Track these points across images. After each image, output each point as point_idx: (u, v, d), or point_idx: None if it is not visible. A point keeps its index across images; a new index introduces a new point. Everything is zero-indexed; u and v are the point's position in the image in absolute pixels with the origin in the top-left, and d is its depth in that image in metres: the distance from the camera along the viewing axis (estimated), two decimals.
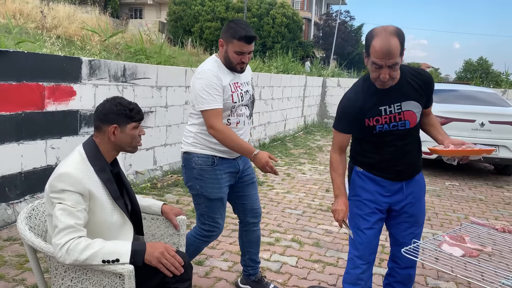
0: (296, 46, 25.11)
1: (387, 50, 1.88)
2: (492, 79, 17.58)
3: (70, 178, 1.72)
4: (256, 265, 2.87)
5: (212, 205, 2.53)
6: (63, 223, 1.66)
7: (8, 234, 3.48)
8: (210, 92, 2.34)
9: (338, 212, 2.16)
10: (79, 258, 1.63)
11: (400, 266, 2.37)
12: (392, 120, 2.11)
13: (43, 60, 3.83)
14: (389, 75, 1.95)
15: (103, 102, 1.89)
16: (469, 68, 43.87)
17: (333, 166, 2.26)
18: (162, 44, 7.60)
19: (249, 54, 2.43)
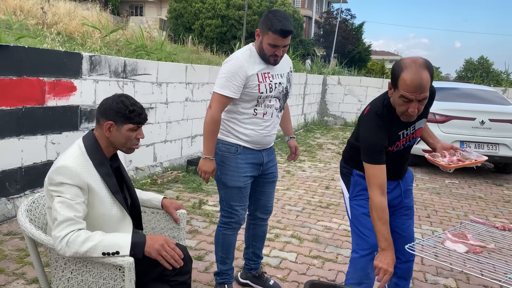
0: (296, 44, 25.08)
1: (418, 84, 1.81)
2: (493, 78, 17.57)
3: (69, 171, 1.72)
4: (258, 260, 2.88)
5: (229, 192, 2.53)
6: (62, 215, 1.66)
7: (8, 229, 3.48)
8: (228, 78, 2.35)
9: (384, 272, 1.85)
10: (79, 251, 1.64)
11: (401, 260, 2.37)
12: (407, 141, 2.15)
13: (43, 55, 3.83)
14: (418, 109, 1.89)
15: (109, 97, 1.87)
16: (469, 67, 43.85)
17: (378, 213, 1.96)
18: (163, 41, 7.59)
19: (284, 48, 2.38)
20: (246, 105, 2.44)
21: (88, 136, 1.88)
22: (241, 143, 2.49)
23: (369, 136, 2.04)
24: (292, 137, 2.95)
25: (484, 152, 6.49)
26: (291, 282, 2.98)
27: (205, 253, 3.34)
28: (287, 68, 2.60)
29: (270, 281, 2.87)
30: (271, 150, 2.71)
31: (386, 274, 1.83)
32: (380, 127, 2.03)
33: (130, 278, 1.67)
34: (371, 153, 2.03)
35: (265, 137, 2.53)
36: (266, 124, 2.49)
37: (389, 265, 1.85)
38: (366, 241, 2.22)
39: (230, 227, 2.62)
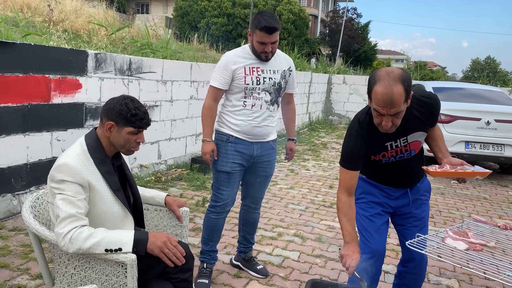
0: (302, 43, 25.04)
1: (389, 99, 1.74)
2: (500, 78, 17.47)
3: (69, 169, 1.74)
4: (248, 244, 3.06)
5: (218, 176, 2.76)
6: (64, 212, 1.68)
7: (13, 224, 3.51)
8: (217, 71, 2.66)
9: (351, 257, 1.88)
10: (82, 247, 1.65)
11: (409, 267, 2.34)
12: (399, 153, 2.09)
13: (49, 53, 3.85)
14: (392, 122, 1.84)
15: (115, 97, 1.88)
16: (476, 67, 43.58)
17: (343, 210, 2.03)
18: (169, 39, 7.61)
19: (272, 44, 2.57)
20: (236, 96, 2.67)
21: (90, 134, 1.89)
22: (233, 133, 2.71)
23: (347, 142, 2.06)
24: (291, 139, 3.07)
25: (490, 152, 6.46)
26: (294, 281, 2.99)
27: None
28: (285, 66, 2.77)
29: (259, 266, 3.05)
30: (268, 146, 2.81)
31: (353, 259, 1.86)
32: (358, 135, 2.02)
33: (133, 275, 1.68)
34: (345, 159, 2.06)
35: (255, 128, 2.69)
36: (255, 115, 2.67)
37: (354, 252, 1.89)
38: (368, 246, 2.19)
39: (215, 210, 2.80)
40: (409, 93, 1.81)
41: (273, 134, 2.85)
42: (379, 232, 2.21)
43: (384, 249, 2.25)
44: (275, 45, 2.60)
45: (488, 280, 3.20)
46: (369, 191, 2.26)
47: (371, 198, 2.25)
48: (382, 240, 2.24)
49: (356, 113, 2.10)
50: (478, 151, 6.48)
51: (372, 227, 2.21)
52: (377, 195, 2.25)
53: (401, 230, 2.32)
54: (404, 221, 2.30)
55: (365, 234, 2.23)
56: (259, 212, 3.05)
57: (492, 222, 2.09)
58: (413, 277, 2.34)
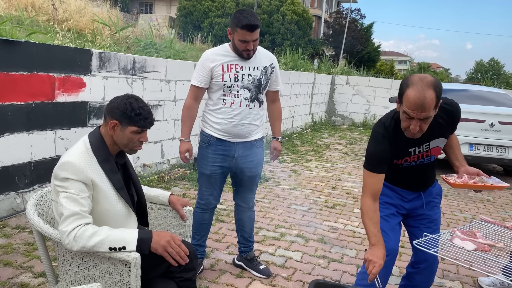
0: (305, 44, 25.03)
1: (421, 102, 1.79)
2: (503, 80, 17.41)
3: (73, 167, 1.74)
4: (248, 243, 3.06)
5: (201, 178, 2.85)
6: (68, 210, 1.68)
7: (17, 223, 3.52)
8: (197, 70, 2.71)
9: (374, 264, 1.86)
10: (86, 245, 1.65)
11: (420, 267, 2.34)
12: (420, 158, 2.14)
13: (54, 51, 3.86)
14: (420, 127, 1.88)
15: (119, 96, 1.89)
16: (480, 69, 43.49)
17: (368, 214, 2.01)
18: (173, 38, 7.62)
19: (254, 42, 2.59)
20: (216, 94, 2.71)
21: (94, 133, 1.89)
22: (214, 133, 2.75)
23: (373, 145, 2.08)
24: (275, 138, 3.03)
25: (493, 155, 6.44)
26: (296, 281, 2.98)
27: (211, 250, 3.35)
28: (266, 63, 2.78)
29: (261, 266, 3.04)
30: (251, 146, 2.81)
31: (376, 266, 1.83)
32: (384, 138, 2.04)
33: (136, 274, 1.68)
34: (371, 161, 2.07)
35: (236, 126, 2.71)
36: (234, 113, 2.69)
37: (379, 258, 1.86)
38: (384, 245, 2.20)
39: (199, 206, 2.91)
40: (439, 100, 1.86)
41: (258, 133, 2.83)
42: (394, 231, 2.23)
43: (397, 248, 2.27)
44: (256, 43, 2.62)
45: (500, 277, 3.19)
46: (384, 193, 2.27)
47: (385, 199, 2.28)
48: (397, 240, 2.26)
49: (380, 118, 2.14)
50: (481, 153, 6.46)
51: (388, 227, 2.23)
52: (391, 197, 2.28)
53: (414, 232, 2.33)
54: (417, 223, 2.31)
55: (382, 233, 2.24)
56: (254, 210, 3.06)
57: (500, 223, 2.08)
58: (423, 278, 2.34)
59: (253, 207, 3.05)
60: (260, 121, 2.85)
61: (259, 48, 2.73)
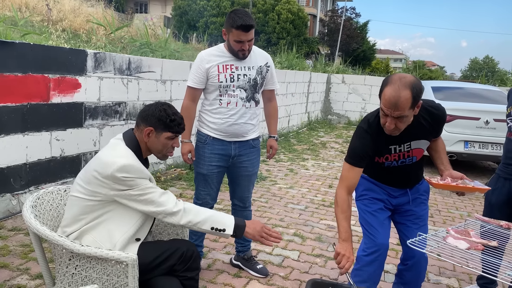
0: (301, 42, 25.04)
1: (395, 101, 1.83)
2: (498, 77, 17.49)
3: (135, 169, 1.80)
4: (245, 243, 3.06)
5: (197, 177, 2.86)
6: (156, 193, 1.80)
7: (12, 224, 3.51)
8: (192, 71, 2.71)
9: (347, 259, 1.89)
10: (193, 220, 1.78)
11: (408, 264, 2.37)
12: (401, 157, 2.18)
13: (48, 52, 3.84)
14: (396, 125, 1.92)
15: (151, 103, 1.95)
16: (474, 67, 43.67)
17: (342, 207, 2.05)
18: (168, 38, 7.60)
19: (249, 42, 2.60)
20: (212, 95, 2.71)
21: (130, 137, 1.92)
22: (211, 133, 2.76)
23: (355, 139, 2.14)
24: (272, 137, 3.05)
25: (489, 152, 6.47)
26: (294, 281, 2.99)
27: (208, 250, 3.35)
28: (261, 62, 2.78)
29: (258, 265, 3.04)
30: (248, 145, 2.83)
31: (349, 261, 1.87)
32: (367, 133, 2.10)
33: (134, 275, 1.68)
34: (351, 154, 2.13)
35: (232, 126, 2.72)
36: (231, 113, 2.70)
37: (351, 253, 1.91)
38: (373, 241, 2.24)
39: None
40: (417, 101, 1.88)
41: (254, 132, 2.85)
42: (383, 226, 2.26)
43: (388, 243, 2.29)
44: (251, 43, 2.63)
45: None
46: (371, 188, 2.34)
47: (372, 194, 2.33)
48: (386, 234, 2.28)
49: (366, 115, 2.20)
50: (477, 151, 6.49)
51: (376, 222, 2.27)
52: (378, 192, 2.33)
53: (401, 228, 2.38)
54: (404, 219, 2.36)
55: (369, 229, 2.27)
56: (250, 210, 3.07)
57: (495, 221, 2.10)
58: (412, 275, 2.37)
59: (249, 206, 3.05)
60: (257, 120, 2.86)
61: (254, 48, 2.75)
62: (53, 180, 4.03)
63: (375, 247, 2.22)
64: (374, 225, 2.25)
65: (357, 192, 2.35)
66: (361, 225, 2.35)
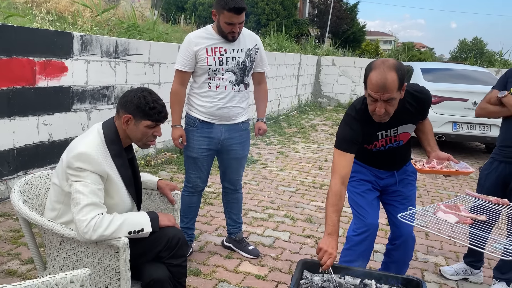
0: (290, 24, 24.81)
1: (382, 83, 1.84)
2: (486, 59, 17.58)
3: (91, 159, 1.73)
4: (236, 225, 3.09)
5: (187, 161, 2.86)
6: (86, 199, 1.68)
7: (1, 210, 3.48)
8: (180, 54, 2.66)
9: (328, 255, 1.81)
10: (105, 233, 1.66)
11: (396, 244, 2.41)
12: (388, 142, 2.20)
13: (33, 35, 3.76)
14: (385, 109, 1.91)
15: (132, 89, 1.88)
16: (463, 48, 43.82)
17: (332, 200, 1.98)
18: (156, 20, 7.47)
19: (239, 25, 2.57)
20: (201, 78, 2.68)
21: (108, 125, 1.87)
22: (200, 116, 2.74)
23: (344, 126, 2.13)
24: (259, 119, 3.02)
25: (476, 133, 6.55)
26: (285, 261, 3.03)
27: (200, 232, 3.37)
28: (250, 44, 2.74)
29: (250, 247, 3.07)
30: (237, 128, 2.82)
31: (330, 257, 1.80)
32: (355, 120, 2.10)
33: (125, 258, 1.68)
34: (342, 141, 2.11)
35: (221, 109, 2.71)
36: (220, 96, 2.68)
37: (333, 249, 1.84)
38: (363, 221, 2.27)
39: (186, 189, 2.91)
40: (402, 82, 1.88)
41: (243, 115, 2.84)
42: (372, 206, 2.30)
43: (377, 223, 2.33)
44: (242, 25, 2.60)
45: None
46: (359, 170, 2.36)
47: (360, 176, 2.36)
48: (376, 214, 2.33)
49: (353, 102, 2.19)
50: (465, 132, 6.57)
51: (365, 202, 2.30)
52: (366, 174, 2.36)
53: (389, 209, 2.43)
54: (391, 200, 2.40)
55: (358, 209, 2.31)
56: (241, 192, 3.08)
57: (485, 197, 2.14)
58: (400, 254, 2.42)
59: (240, 189, 3.06)
60: (246, 103, 2.84)
61: (242, 30, 2.70)
62: (42, 165, 4.00)
63: (364, 227, 2.26)
64: (363, 206, 2.28)
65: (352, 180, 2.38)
66: (351, 206, 2.38)
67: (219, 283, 2.67)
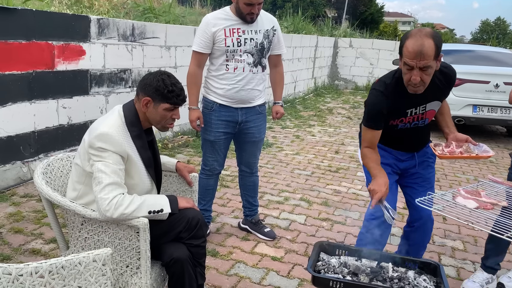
0: (307, 5, 24.42)
1: (419, 50, 1.81)
2: (509, 40, 17.06)
3: (112, 139, 1.76)
4: (252, 207, 3.12)
5: (205, 144, 2.88)
6: (108, 178, 1.72)
7: (24, 191, 3.58)
8: (198, 35, 2.67)
9: (376, 191, 1.88)
10: (125, 212, 1.70)
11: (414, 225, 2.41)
12: (415, 120, 2.16)
13: (51, 19, 3.79)
14: (421, 78, 1.87)
15: (151, 72, 1.90)
16: (485, 29, 42.55)
17: (367, 156, 2.10)
18: (171, 3, 7.45)
19: (258, 5, 2.57)
20: (218, 60, 2.68)
21: (128, 106, 1.90)
22: (217, 99, 2.75)
23: (371, 101, 2.09)
24: (276, 103, 3.02)
25: (497, 116, 6.40)
26: (301, 243, 3.05)
27: (217, 214, 3.41)
28: (268, 26, 2.74)
29: (266, 229, 3.10)
30: (254, 111, 2.83)
31: (378, 192, 1.87)
32: (383, 95, 2.06)
33: (145, 238, 1.72)
34: (369, 118, 2.10)
35: (239, 92, 2.71)
36: (238, 79, 2.68)
37: (381, 186, 1.90)
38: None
39: (204, 172, 2.95)
40: (439, 51, 1.86)
41: (260, 98, 2.84)
42: (391, 191, 2.27)
43: (395, 207, 2.30)
44: (260, 6, 2.60)
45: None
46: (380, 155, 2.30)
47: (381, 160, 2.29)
48: (394, 199, 2.31)
49: (380, 77, 2.15)
50: (485, 115, 6.43)
51: None
52: (386, 157, 2.32)
53: (408, 191, 2.40)
54: (411, 182, 2.37)
55: None
56: (257, 175, 3.11)
57: (508, 183, 2.09)
58: (418, 237, 2.41)
59: (256, 172, 3.08)
60: (263, 86, 2.84)
61: (260, 11, 2.69)
62: (62, 147, 4.07)
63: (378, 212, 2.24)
64: None
65: None
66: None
67: (236, 264, 2.72)
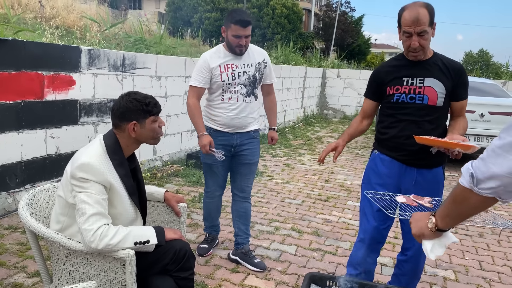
0: (296, 37, 24.97)
1: (415, 17, 2.03)
2: (493, 70, 17.53)
3: (93, 169, 1.74)
4: (243, 235, 3.12)
5: (204, 168, 3.10)
6: (91, 209, 1.69)
7: (8, 223, 3.49)
8: (196, 72, 2.90)
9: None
10: (111, 242, 1.67)
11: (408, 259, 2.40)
12: (411, 92, 2.19)
13: (42, 49, 3.81)
14: (419, 43, 2.07)
15: (118, 100, 1.89)
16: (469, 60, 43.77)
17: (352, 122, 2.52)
18: (162, 34, 7.57)
19: (246, 38, 2.78)
20: (216, 93, 2.91)
21: (109, 135, 1.89)
22: (214, 126, 2.96)
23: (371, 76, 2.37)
24: (272, 128, 3.24)
25: (484, 145, 6.49)
26: (291, 275, 3.00)
27: None
28: (259, 59, 2.96)
29: (256, 260, 3.07)
30: (248, 136, 3.01)
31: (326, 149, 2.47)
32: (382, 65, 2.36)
33: (131, 271, 1.68)
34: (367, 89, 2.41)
35: (234, 119, 2.91)
36: (232, 108, 2.89)
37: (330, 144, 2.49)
38: (361, 227, 2.38)
39: (206, 195, 3.19)
40: (433, 19, 2.07)
41: (254, 124, 3.03)
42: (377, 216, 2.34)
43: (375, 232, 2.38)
44: (248, 39, 2.80)
45: (483, 271, 3.23)
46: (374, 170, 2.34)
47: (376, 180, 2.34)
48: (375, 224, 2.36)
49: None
50: (472, 144, 6.52)
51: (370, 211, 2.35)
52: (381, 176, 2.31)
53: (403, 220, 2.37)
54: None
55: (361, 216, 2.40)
56: (250, 202, 3.16)
57: None
58: (411, 266, 2.40)
59: (249, 198, 3.13)
60: (257, 113, 3.03)
61: (251, 46, 2.92)
62: (49, 177, 4.02)
63: (362, 234, 2.36)
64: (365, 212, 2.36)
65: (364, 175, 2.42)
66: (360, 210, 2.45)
67: None
